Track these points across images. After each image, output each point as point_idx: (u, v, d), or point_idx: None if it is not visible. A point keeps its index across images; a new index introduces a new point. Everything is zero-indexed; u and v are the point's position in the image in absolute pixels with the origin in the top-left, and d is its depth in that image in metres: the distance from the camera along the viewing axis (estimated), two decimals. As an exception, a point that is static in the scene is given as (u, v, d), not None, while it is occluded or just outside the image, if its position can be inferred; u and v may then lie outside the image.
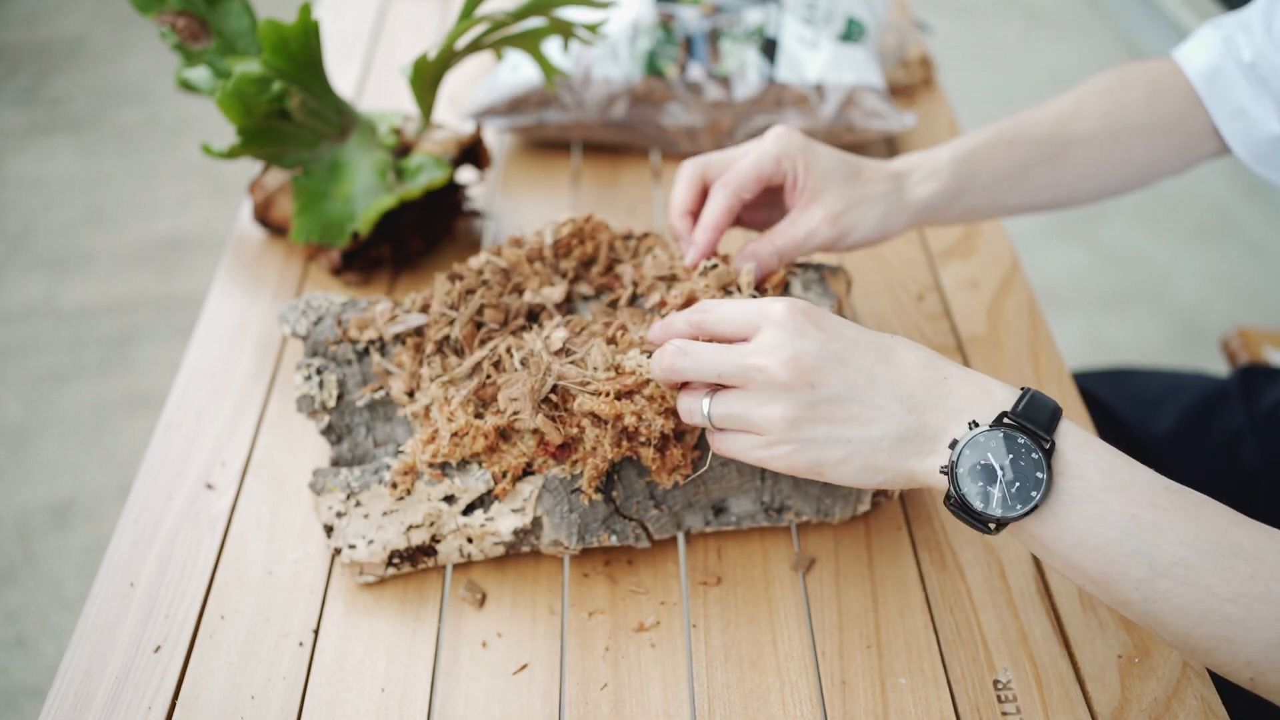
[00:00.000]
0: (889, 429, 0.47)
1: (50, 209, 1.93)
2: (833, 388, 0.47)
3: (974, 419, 0.46)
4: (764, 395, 0.48)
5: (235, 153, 0.70)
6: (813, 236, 0.61)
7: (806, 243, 0.61)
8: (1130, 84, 0.67)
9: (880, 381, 0.47)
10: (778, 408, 0.47)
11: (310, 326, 0.61)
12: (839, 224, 0.61)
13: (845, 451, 0.48)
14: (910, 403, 0.47)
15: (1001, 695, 0.52)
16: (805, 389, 0.47)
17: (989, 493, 0.45)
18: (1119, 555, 0.44)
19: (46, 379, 1.62)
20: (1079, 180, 0.67)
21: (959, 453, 0.45)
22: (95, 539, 1.40)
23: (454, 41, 0.69)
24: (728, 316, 0.50)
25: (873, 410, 0.47)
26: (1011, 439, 0.45)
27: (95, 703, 0.51)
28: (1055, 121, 0.66)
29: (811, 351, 0.47)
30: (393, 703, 0.52)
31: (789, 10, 0.86)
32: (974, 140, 0.65)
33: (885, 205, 0.62)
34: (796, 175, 0.61)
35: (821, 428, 0.47)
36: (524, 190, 0.85)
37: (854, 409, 0.47)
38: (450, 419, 0.55)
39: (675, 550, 0.59)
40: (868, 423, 0.47)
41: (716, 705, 0.52)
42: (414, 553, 0.55)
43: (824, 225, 0.61)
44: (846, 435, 0.47)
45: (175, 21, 0.71)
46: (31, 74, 2.26)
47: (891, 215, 0.62)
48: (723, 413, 0.49)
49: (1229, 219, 2.03)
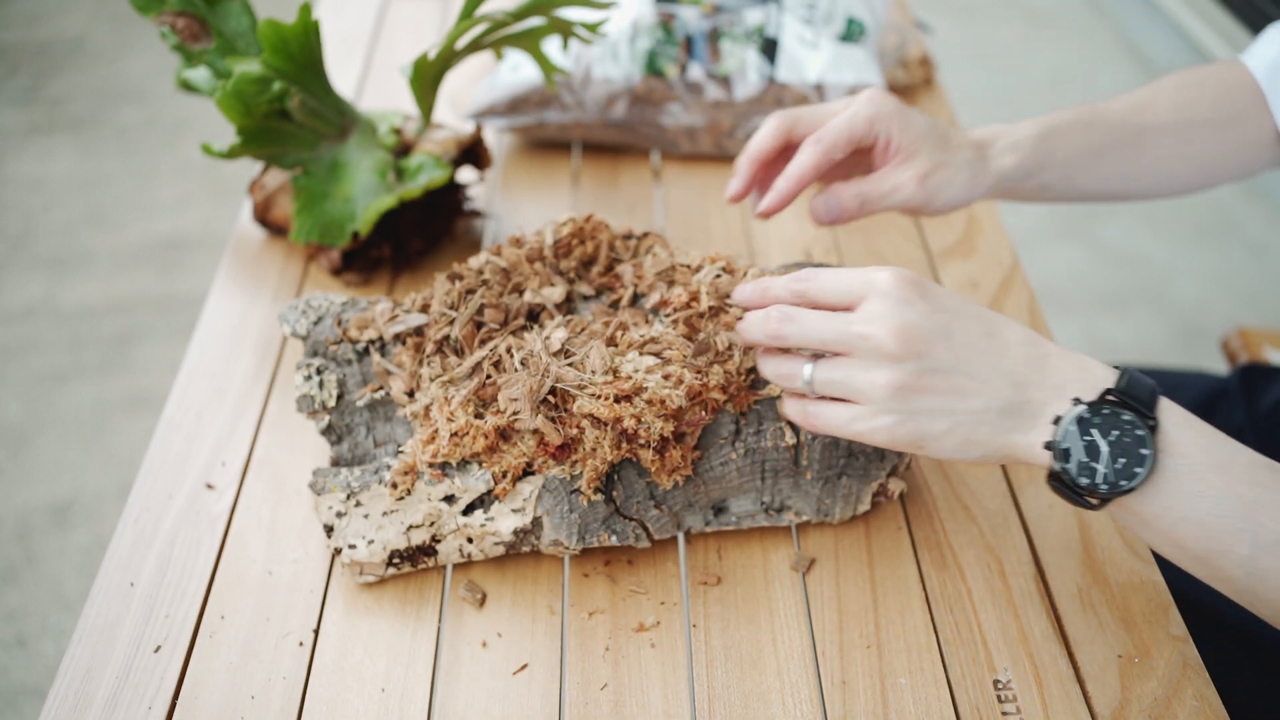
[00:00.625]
0: (992, 402, 0.47)
1: (50, 209, 1.93)
2: (939, 359, 0.47)
3: (1076, 395, 0.46)
4: (869, 363, 0.47)
5: (235, 153, 0.70)
6: (898, 192, 0.62)
7: (891, 196, 0.63)
8: (1203, 81, 0.69)
9: (985, 355, 0.47)
10: (884, 374, 0.47)
11: (310, 326, 0.61)
12: (927, 185, 0.62)
13: (949, 424, 0.47)
14: (1013, 377, 0.47)
15: (1001, 695, 0.52)
16: (912, 359, 0.47)
17: (1094, 469, 0.45)
18: (1222, 532, 0.44)
19: (46, 379, 1.62)
20: (1149, 170, 0.68)
21: (1064, 429, 0.46)
22: (95, 539, 1.40)
23: (454, 41, 0.69)
24: (832, 285, 0.50)
25: (977, 383, 0.47)
26: (1116, 416, 0.45)
27: (95, 703, 0.51)
28: (1131, 109, 0.68)
29: (919, 321, 0.47)
30: (393, 703, 0.52)
31: (789, 10, 0.86)
32: (1054, 119, 0.67)
33: (970, 171, 0.63)
34: (890, 138, 0.62)
35: (926, 399, 0.47)
36: (524, 190, 0.85)
37: (958, 380, 0.47)
38: (450, 419, 0.55)
39: (675, 550, 0.59)
40: (972, 395, 0.47)
41: (716, 705, 0.52)
42: (414, 553, 0.55)
43: (912, 184, 0.62)
44: (950, 407, 0.47)
45: (175, 21, 0.71)
46: (31, 74, 2.26)
47: (975, 182, 0.64)
48: (826, 378, 0.49)
49: (1229, 219, 2.02)
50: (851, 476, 0.58)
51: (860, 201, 0.62)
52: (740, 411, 0.57)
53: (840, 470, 0.57)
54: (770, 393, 0.58)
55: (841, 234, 0.81)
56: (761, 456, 0.57)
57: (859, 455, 0.57)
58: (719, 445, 0.56)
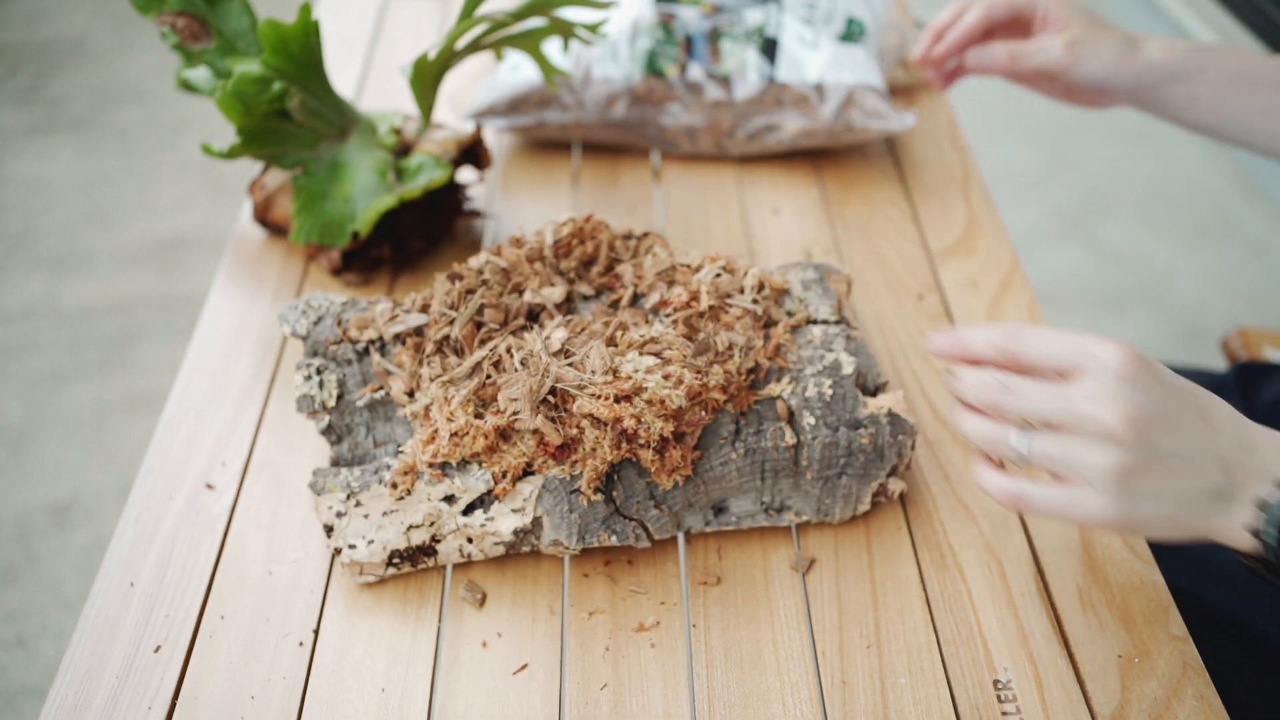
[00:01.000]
0: (1203, 486, 0.46)
1: (50, 209, 1.93)
2: (1161, 443, 0.46)
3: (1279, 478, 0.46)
4: (1092, 443, 0.46)
5: (235, 153, 0.70)
6: (1045, 52, 0.71)
7: (1037, 55, 0.71)
8: None
9: (1200, 438, 0.47)
10: (1107, 457, 0.46)
11: (310, 326, 0.61)
12: (1074, 50, 0.70)
13: (1160, 508, 0.47)
14: (1224, 461, 0.46)
15: (1001, 695, 0.52)
16: (1137, 444, 0.45)
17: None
18: None
19: (46, 379, 1.62)
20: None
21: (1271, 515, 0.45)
22: (95, 539, 1.40)
23: (454, 41, 0.69)
24: (1044, 350, 0.48)
25: (1192, 467, 0.46)
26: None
27: (95, 703, 0.51)
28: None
29: (1147, 405, 0.46)
30: (393, 703, 0.52)
31: (789, 10, 0.86)
32: (1210, 44, 0.71)
33: (1118, 50, 0.70)
34: (1048, 11, 0.72)
35: (1144, 483, 0.46)
36: (524, 190, 0.85)
37: (1175, 464, 0.46)
38: (450, 419, 0.55)
39: (675, 550, 0.59)
40: (1186, 479, 0.46)
41: (716, 705, 0.52)
42: (414, 553, 0.55)
43: (1060, 46, 0.70)
44: (1164, 491, 0.46)
45: (175, 21, 0.71)
46: (31, 74, 2.26)
47: (1122, 62, 0.70)
48: (1045, 453, 0.48)
49: (1229, 219, 2.02)
50: (851, 476, 0.58)
51: (1010, 55, 0.72)
52: (740, 411, 0.57)
53: (840, 470, 0.57)
54: (770, 393, 0.58)
55: (842, 234, 0.81)
56: (761, 456, 0.57)
57: (858, 455, 0.57)
58: (719, 445, 0.56)
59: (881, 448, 0.57)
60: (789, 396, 0.58)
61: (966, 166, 0.89)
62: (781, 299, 0.63)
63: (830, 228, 0.82)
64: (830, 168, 0.88)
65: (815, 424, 0.57)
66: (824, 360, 0.59)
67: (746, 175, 0.87)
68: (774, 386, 0.58)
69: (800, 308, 0.62)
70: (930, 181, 0.87)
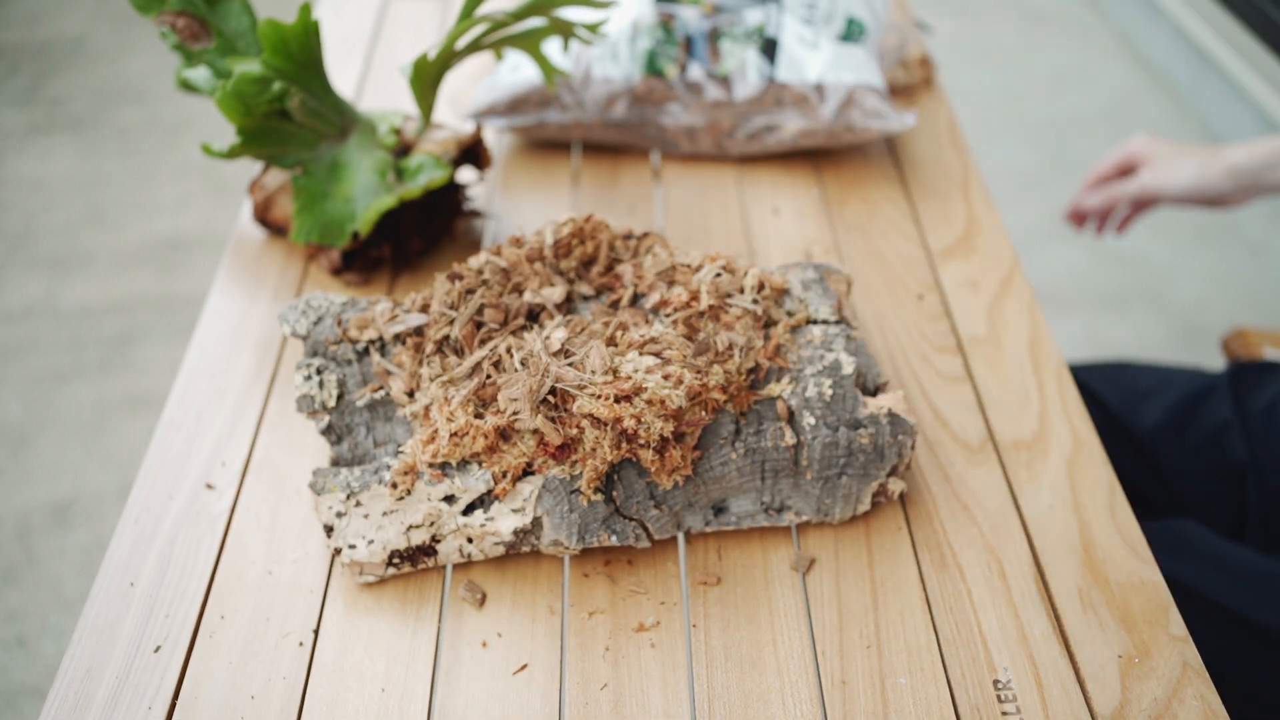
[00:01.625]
0: None
1: (50, 209, 1.93)
2: None
3: None
4: None
5: (235, 153, 0.70)
6: (1132, 183, 0.90)
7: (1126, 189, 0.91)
8: None
9: None
10: None
11: (310, 326, 0.61)
12: (1155, 177, 0.89)
13: None
14: None
15: (1001, 695, 0.52)
16: None
17: None
18: None
19: (46, 379, 1.62)
20: None
21: None
22: (95, 539, 1.40)
23: (454, 41, 0.69)
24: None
25: None
26: None
27: (95, 703, 0.51)
28: None
29: None
30: (393, 703, 0.52)
31: (789, 10, 0.86)
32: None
33: (1198, 162, 0.86)
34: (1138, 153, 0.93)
35: None
36: (524, 190, 0.85)
37: None
38: (450, 419, 0.55)
39: (675, 550, 0.59)
40: None
41: (716, 705, 0.52)
42: (414, 553, 0.55)
43: (1145, 178, 0.90)
44: None
45: (175, 21, 0.71)
46: (31, 74, 2.26)
47: (1204, 173, 0.86)
48: None
49: (1229, 219, 2.02)
50: (851, 476, 0.58)
51: (1104, 200, 0.93)
52: (740, 411, 0.57)
53: (840, 470, 0.57)
54: (770, 393, 0.58)
55: (842, 234, 0.81)
56: (761, 456, 0.57)
57: (858, 455, 0.57)
58: (719, 445, 0.56)
59: (881, 448, 0.57)
60: (789, 396, 0.58)
61: (966, 166, 0.89)
62: (781, 299, 0.63)
63: (830, 228, 0.82)
64: (830, 168, 0.88)
65: (815, 424, 0.57)
66: (824, 360, 0.59)
67: (746, 175, 0.87)
68: (774, 386, 0.58)
69: (800, 308, 0.62)
70: (930, 181, 0.87)
